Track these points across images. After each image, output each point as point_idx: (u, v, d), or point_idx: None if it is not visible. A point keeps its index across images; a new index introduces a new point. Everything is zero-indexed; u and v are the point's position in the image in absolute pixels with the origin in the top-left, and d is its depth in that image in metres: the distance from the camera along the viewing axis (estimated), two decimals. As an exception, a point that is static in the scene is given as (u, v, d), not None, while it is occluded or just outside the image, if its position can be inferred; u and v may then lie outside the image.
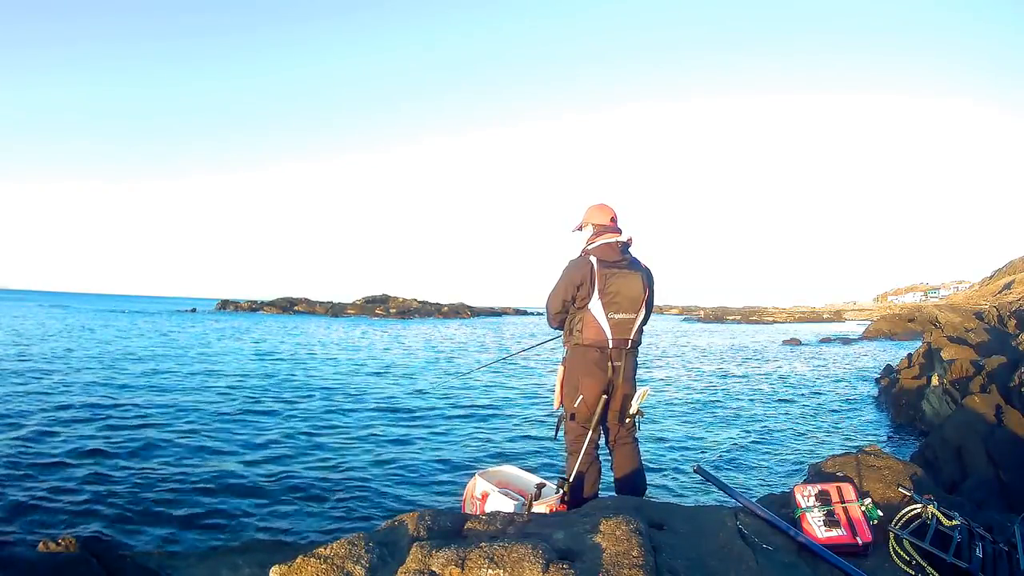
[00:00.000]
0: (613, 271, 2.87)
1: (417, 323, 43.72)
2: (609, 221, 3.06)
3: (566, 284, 2.92)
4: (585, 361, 2.90)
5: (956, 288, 70.71)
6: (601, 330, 2.86)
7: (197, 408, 8.33)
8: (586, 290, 2.86)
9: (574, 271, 2.91)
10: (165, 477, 5.22)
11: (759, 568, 2.00)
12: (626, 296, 2.88)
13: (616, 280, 2.87)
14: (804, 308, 75.76)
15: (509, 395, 10.58)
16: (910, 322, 30.04)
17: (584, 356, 2.91)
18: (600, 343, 2.87)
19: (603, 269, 2.86)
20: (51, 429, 6.67)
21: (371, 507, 4.73)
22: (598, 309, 2.86)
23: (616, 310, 2.87)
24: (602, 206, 3.12)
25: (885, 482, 2.69)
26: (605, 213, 3.09)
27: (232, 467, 5.57)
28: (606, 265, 2.87)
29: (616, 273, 2.87)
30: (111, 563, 2.48)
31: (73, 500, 4.58)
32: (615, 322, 2.87)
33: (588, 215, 3.13)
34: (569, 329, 2.97)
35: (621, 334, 2.89)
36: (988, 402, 5.65)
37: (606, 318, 2.86)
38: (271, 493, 4.94)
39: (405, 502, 4.85)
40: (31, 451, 5.80)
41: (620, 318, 2.88)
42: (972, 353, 8.90)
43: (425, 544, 1.86)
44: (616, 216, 3.10)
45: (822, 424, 8.65)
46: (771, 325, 53.76)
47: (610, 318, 2.86)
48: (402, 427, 7.62)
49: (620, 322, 2.88)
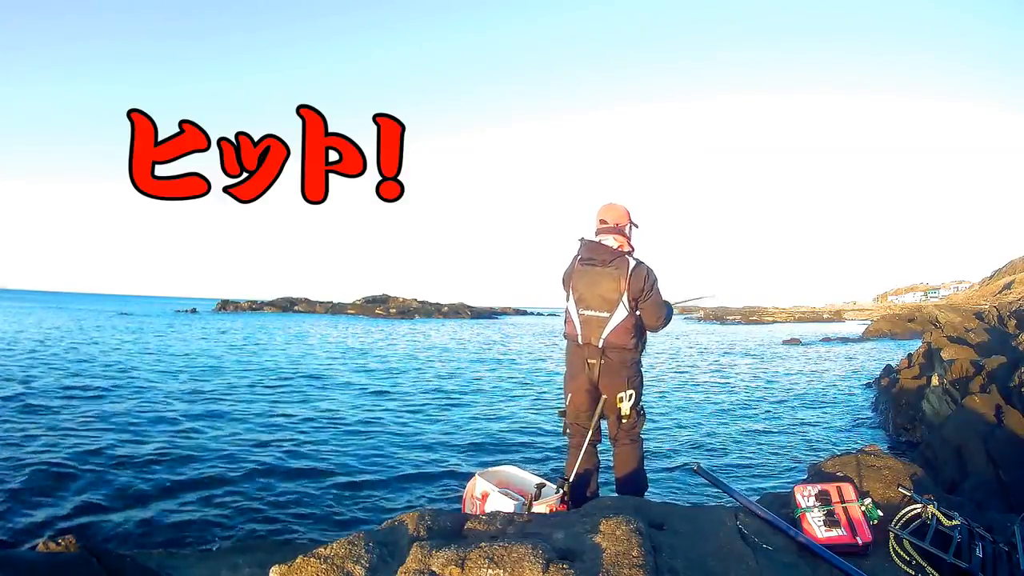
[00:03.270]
0: (585, 269, 2.95)
1: (418, 323, 43.72)
2: (601, 220, 3.10)
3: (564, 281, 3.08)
4: (568, 357, 3.05)
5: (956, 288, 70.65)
6: (574, 326, 2.96)
7: (195, 408, 8.33)
8: (567, 286, 3.02)
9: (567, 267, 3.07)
10: (165, 477, 5.22)
11: (759, 568, 2.00)
12: (595, 294, 2.91)
13: (585, 277, 2.94)
14: (804, 308, 75.66)
15: (509, 394, 10.58)
16: (910, 322, 30.00)
17: (568, 352, 3.06)
18: (572, 338, 2.99)
19: (579, 266, 2.98)
20: (52, 429, 6.68)
21: (371, 507, 4.73)
22: (572, 306, 2.98)
23: (585, 307, 2.93)
24: (607, 205, 3.16)
25: (885, 482, 2.69)
26: (605, 212, 3.13)
27: (232, 467, 5.57)
28: (582, 262, 2.98)
29: (587, 271, 2.94)
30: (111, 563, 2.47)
31: (73, 500, 4.58)
32: (585, 319, 2.93)
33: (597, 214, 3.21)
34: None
35: (589, 331, 2.92)
36: (988, 402, 5.65)
37: (577, 315, 2.95)
38: (271, 493, 4.94)
39: (405, 502, 4.85)
40: (31, 451, 5.79)
41: (589, 315, 2.92)
42: (972, 353, 8.89)
43: (425, 544, 1.86)
44: (621, 216, 3.10)
45: (822, 424, 8.64)
46: (771, 325, 53.74)
47: (580, 315, 2.94)
48: (402, 427, 7.62)
49: (590, 319, 2.92)
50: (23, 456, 5.60)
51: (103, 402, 8.46)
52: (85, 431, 6.68)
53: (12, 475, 5.04)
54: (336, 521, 4.41)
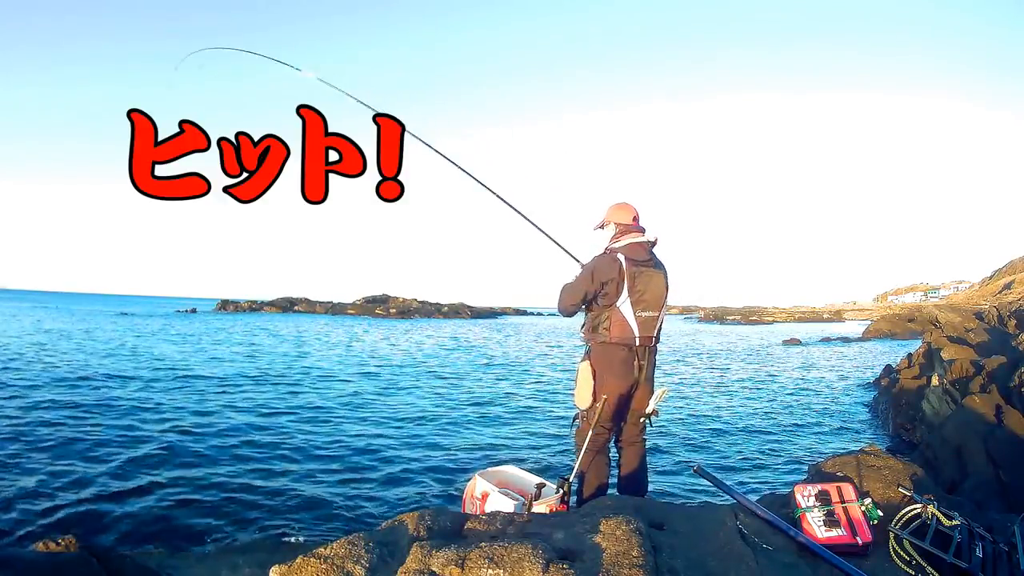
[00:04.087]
0: (641, 269, 2.92)
1: (418, 323, 43.71)
2: (632, 220, 3.07)
3: (590, 279, 2.93)
4: (612, 360, 2.93)
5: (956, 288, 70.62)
6: (629, 328, 2.90)
7: (194, 407, 8.33)
8: (614, 287, 2.88)
9: (602, 268, 2.92)
10: (165, 476, 5.22)
11: (759, 568, 2.00)
12: (653, 294, 2.93)
13: (644, 278, 2.91)
14: (804, 308, 75.67)
15: (509, 394, 10.58)
16: (910, 322, 29.99)
17: (612, 355, 2.93)
18: (628, 341, 2.91)
19: (632, 267, 2.90)
20: (50, 429, 6.67)
21: (371, 507, 4.73)
22: (627, 307, 2.90)
23: (644, 308, 2.92)
24: (624, 205, 3.12)
25: (885, 482, 2.69)
26: (628, 212, 3.09)
27: (231, 467, 5.57)
28: (635, 264, 2.91)
29: (644, 272, 2.92)
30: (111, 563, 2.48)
31: (73, 500, 4.57)
32: (642, 320, 2.91)
33: (610, 214, 3.13)
34: (594, 326, 2.98)
35: (647, 331, 2.94)
36: (988, 402, 5.65)
37: (635, 316, 2.90)
38: (271, 493, 4.94)
39: (405, 502, 4.84)
40: (30, 451, 5.79)
41: (647, 316, 2.93)
42: (972, 353, 8.88)
43: (425, 544, 1.86)
44: (638, 215, 3.11)
45: (822, 424, 8.64)
46: (771, 325, 53.74)
47: (638, 316, 2.90)
48: (402, 427, 7.62)
49: (647, 320, 2.93)
50: (23, 456, 5.60)
51: (103, 402, 8.45)
52: (85, 431, 6.67)
53: (12, 475, 5.05)
54: (336, 521, 4.41)
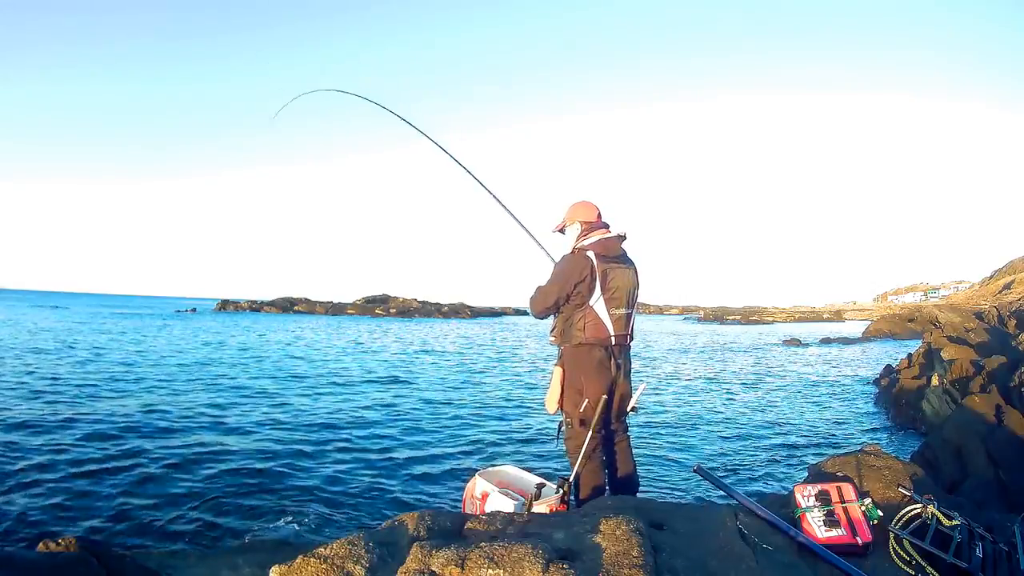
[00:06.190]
0: (612, 266, 2.85)
1: (418, 322, 43.70)
2: (596, 218, 3.04)
3: (564, 281, 2.84)
4: (588, 361, 2.84)
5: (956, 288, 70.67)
6: (604, 327, 2.82)
7: (193, 407, 8.33)
8: (587, 287, 2.80)
9: (573, 268, 2.83)
10: (164, 476, 5.22)
11: (759, 568, 1.99)
12: (624, 291, 2.88)
13: (615, 275, 2.85)
14: (804, 308, 75.67)
15: (509, 394, 10.57)
16: (910, 322, 30.01)
17: (587, 356, 2.85)
18: (603, 340, 2.83)
19: (603, 264, 2.82)
20: (50, 428, 6.67)
21: (371, 507, 4.73)
22: (600, 306, 2.82)
23: (617, 305, 2.86)
24: (586, 203, 3.08)
25: (885, 482, 2.69)
26: (591, 210, 3.05)
27: (231, 466, 5.56)
28: (605, 260, 2.84)
29: (614, 268, 2.86)
30: (111, 563, 2.47)
31: (73, 500, 4.57)
32: (616, 317, 2.85)
33: (573, 212, 3.06)
34: (565, 328, 2.89)
35: (621, 330, 2.88)
36: (988, 402, 5.65)
37: (608, 314, 2.83)
38: (271, 492, 4.93)
39: (405, 502, 4.84)
40: (29, 451, 5.79)
41: (620, 313, 2.87)
42: (972, 353, 8.88)
43: (425, 544, 1.86)
44: (600, 212, 3.08)
45: (822, 424, 8.64)
46: (771, 325, 53.70)
47: (612, 314, 2.84)
48: (401, 427, 7.61)
49: (620, 317, 2.88)
50: (23, 455, 5.60)
51: (102, 402, 8.45)
52: (84, 431, 6.67)
53: (12, 475, 5.04)
54: (336, 521, 4.41)
